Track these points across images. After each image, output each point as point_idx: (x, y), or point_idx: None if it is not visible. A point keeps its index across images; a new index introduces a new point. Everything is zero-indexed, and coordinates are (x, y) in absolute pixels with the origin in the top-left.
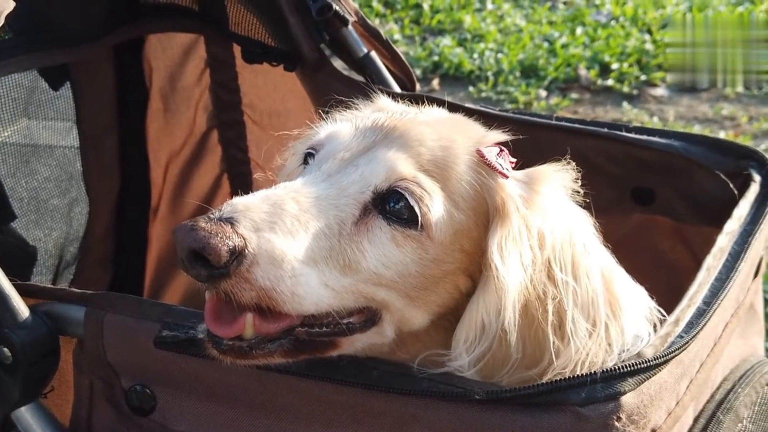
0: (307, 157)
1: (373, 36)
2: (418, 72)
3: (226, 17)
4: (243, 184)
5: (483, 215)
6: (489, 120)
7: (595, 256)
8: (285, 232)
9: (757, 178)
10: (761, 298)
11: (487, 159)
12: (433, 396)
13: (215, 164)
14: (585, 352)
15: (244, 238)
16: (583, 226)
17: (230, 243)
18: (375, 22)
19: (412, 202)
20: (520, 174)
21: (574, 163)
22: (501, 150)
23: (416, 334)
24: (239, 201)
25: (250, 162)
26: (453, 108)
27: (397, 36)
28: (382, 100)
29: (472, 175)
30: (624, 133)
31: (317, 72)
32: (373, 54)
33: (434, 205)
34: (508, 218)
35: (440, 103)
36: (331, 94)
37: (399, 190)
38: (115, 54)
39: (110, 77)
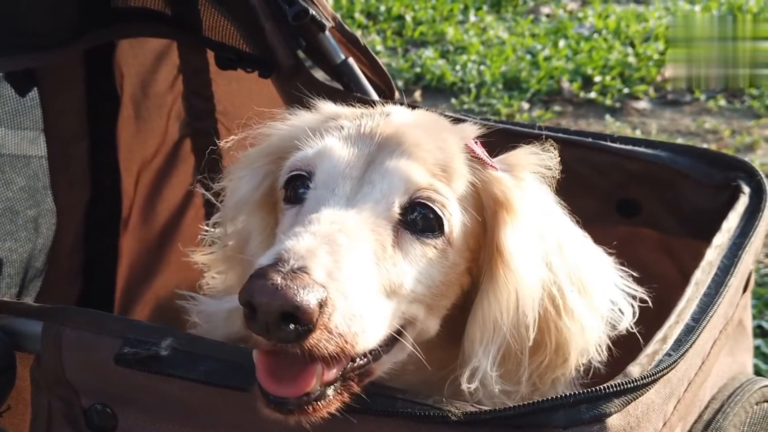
0: (295, 180)
1: (351, 42)
2: (400, 83)
3: (200, 22)
4: (216, 195)
5: (480, 210)
6: None
7: (572, 233)
8: (349, 269)
9: (746, 189)
10: (750, 313)
11: (477, 153)
12: (409, 418)
13: (188, 174)
14: (595, 329)
15: (324, 287)
16: (558, 206)
17: (317, 296)
18: (357, 34)
19: (438, 210)
20: (497, 162)
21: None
22: (476, 141)
23: (426, 342)
24: (297, 245)
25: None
26: None
27: (379, 47)
28: (325, 107)
29: (469, 172)
30: (609, 143)
31: (293, 79)
32: (351, 61)
33: (453, 210)
34: (514, 211)
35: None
36: (307, 100)
37: (422, 200)
38: (85, 60)
39: (80, 83)
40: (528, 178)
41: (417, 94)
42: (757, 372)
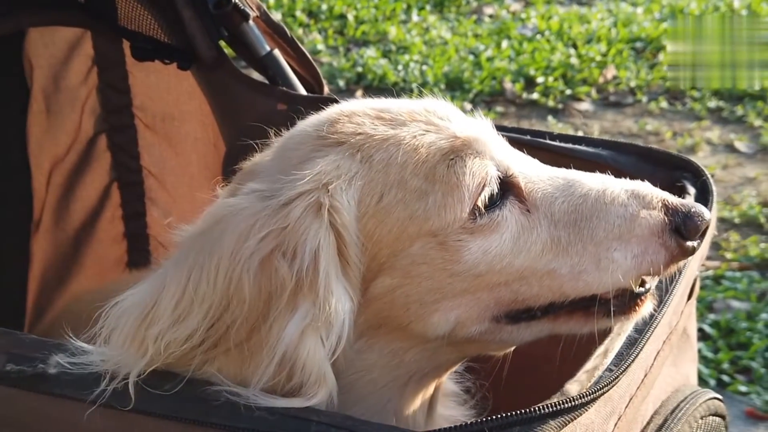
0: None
1: (277, 33)
2: (341, 83)
3: (115, 10)
4: (135, 194)
5: None
6: None
7: None
8: None
9: (691, 190)
10: (695, 322)
11: None
12: None
13: (104, 172)
14: None
15: None
16: None
17: None
18: (298, 33)
19: None
20: None
21: None
22: None
23: None
24: (643, 187)
25: (141, 170)
26: None
27: (320, 46)
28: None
29: None
30: (548, 141)
31: (214, 71)
32: (277, 52)
33: None
34: None
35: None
36: (229, 95)
37: None
38: None
39: None
40: None
41: (358, 94)
42: (699, 376)
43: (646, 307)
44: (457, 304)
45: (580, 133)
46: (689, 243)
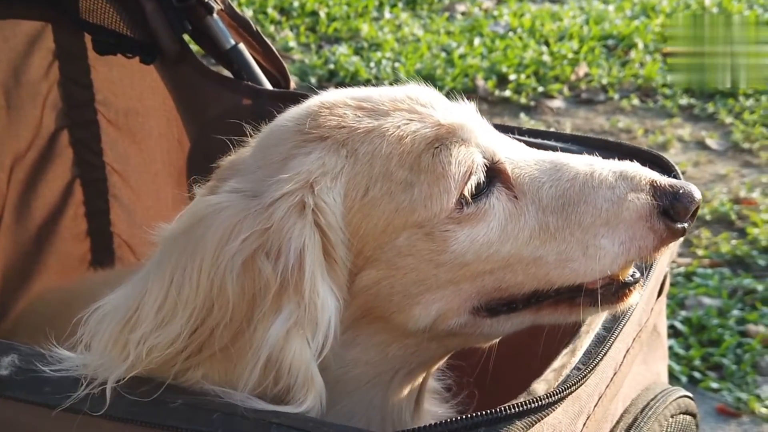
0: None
1: (242, 26)
2: (313, 80)
3: (77, 3)
4: (98, 191)
5: None
6: None
7: None
8: None
9: None
10: (665, 319)
11: None
12: None
13: (66, 169)
14: None
15: None
16: None
17: None
18: (270, 30)
19: None
20: None
21: None
22: None
23: None
24: (631, 168)
25: (105, 167)
26: None
27: (292, 43)
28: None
29: None
30: (517, 136)
31: (178, 65)
32: (242, 46)
33: None
34: None
35: None
36: (193, 90)
37: None
38: None
39: None
40: None
41: None
42: (670, 373)
43: (634, 297)
44: (440, 297)
45: (552, 131)
46: (678, 225)
